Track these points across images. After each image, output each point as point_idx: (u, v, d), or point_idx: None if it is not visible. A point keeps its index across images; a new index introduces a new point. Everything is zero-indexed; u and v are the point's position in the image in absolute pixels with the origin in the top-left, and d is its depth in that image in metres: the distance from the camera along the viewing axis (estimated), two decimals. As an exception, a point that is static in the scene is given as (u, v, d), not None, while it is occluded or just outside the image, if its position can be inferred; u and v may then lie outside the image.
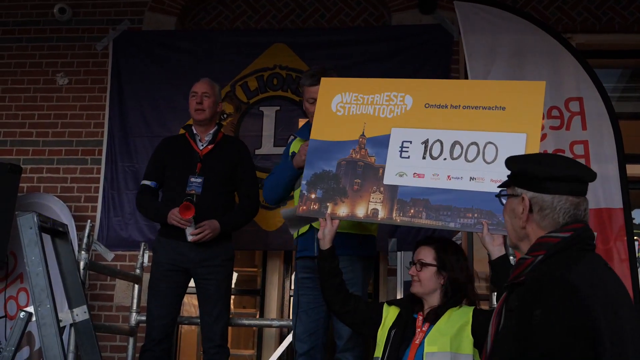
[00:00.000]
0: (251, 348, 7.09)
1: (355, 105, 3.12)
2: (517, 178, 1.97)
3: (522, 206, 1.93)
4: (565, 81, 4.26)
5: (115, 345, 4.80)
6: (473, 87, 3.20)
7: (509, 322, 1.82)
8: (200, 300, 3.94)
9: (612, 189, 4.06)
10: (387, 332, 2.81)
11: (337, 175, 3.02)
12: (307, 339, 3.47)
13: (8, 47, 5.45)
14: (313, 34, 5.29)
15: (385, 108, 3.07)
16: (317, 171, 3.06)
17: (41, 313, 2.72)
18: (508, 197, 2.00)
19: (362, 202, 2.95)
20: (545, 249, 1.86)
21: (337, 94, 3.17)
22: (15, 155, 5.21)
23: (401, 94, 3.07)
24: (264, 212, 4.75)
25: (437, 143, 2.94)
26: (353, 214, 2.95)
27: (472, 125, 2.91)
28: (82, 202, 5.12)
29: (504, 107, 2.89)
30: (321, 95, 3.22)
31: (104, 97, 5.26)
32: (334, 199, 2.99)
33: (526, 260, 1.88)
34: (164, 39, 5.31)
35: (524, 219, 1.93)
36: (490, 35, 4.36)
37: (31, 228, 2.78)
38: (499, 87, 3.07)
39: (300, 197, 3.08)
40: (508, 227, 2.01)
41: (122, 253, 5.00)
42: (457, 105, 2.97)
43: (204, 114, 3.99)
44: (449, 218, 2.81)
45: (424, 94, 3.04)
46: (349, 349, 3.40)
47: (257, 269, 6.02)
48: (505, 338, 1.82)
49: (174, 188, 3.92)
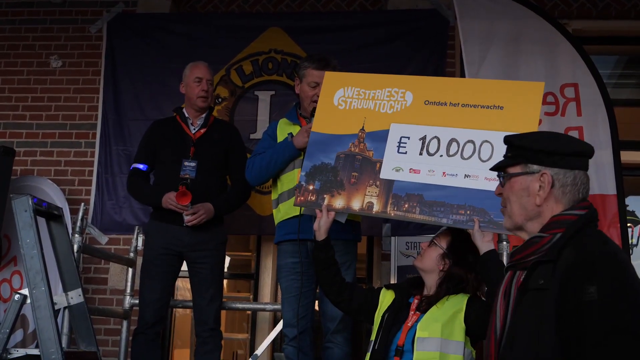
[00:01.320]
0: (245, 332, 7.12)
1: (356, 99, 3.16)
2: (533, 155, 1.93)
3: (539, 183, 1.90)
4: (561, 67, 4.25)
5: (109, 328, 4.81)
6: (472, 86, 3.24)
7: (533, 300, 1.80)
8: (193, 284, 3.95)
9: (607, 175, 4.07)
10: (381, 316, 2.83)
11: (335, 168, 3.05)
12: (296, 323, 3.49)
13: (1, 29, 5.41)
14: (309, 18, 5.26)
15: (385, 103, 3.10)
16: (316, 163, 3.10)
17: (36, 296, 2.72)
18: (515, 176, 1.95)
19: (358, 195, 2.98)
20: (564, 226, 1.85)
21: (340, 88, 3.20)
22: (8, 138, 5.19)
23: (402, 90, 3.10)
24: (258, 196, 4.75)
25: (434, 140, 2.97)
26: (349, 206, 2.99)
27: (470, 124, 2.94)
28: (75, 186, 5.11)
29: (502, 107, 2.92)
30: (324, 89, 3.25)
31: (97, 80, 5.23)
32: (331, 191, 3.02)
33: (543, 239, 1.86)
34: (159, 22, 5.27)
35: (543, 196, 1.90)
36: (486, 20, 4.34)
37: (26, 211, 2.78)
38: (498, 87, 3.11)
39: (298, 188, 3.11)
40: (514, 208, 1.96)
41: (116, 236, 4.99)
42: (456, 103, 3.00)
43: (208, 102, 4.00)
44: (441, 214, 2.83)
45: (425, 91, 3.07)
46: (339, 331, 3.46)
47: (251, 253, 6.03)
48: (530, 316, 1.79)
49: (166, 172, 3.91)
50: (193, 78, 4.00)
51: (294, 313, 3.49)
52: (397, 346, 2.69)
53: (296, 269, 3.51)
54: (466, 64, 4.30)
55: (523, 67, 4.28)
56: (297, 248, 3.46)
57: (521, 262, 1.90)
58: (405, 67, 4.93)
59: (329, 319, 3.46)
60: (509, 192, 1.97)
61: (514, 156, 1.98)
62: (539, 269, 1.83)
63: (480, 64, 4.28)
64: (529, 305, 1.81)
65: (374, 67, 4.94)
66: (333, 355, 3.46)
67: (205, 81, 4.00)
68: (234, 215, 4.36)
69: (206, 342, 3.88)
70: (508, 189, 1.98)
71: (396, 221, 4.69)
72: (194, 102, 4.01)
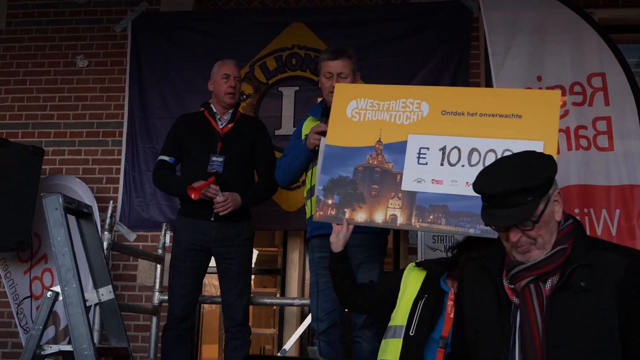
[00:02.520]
0: (272, 327, 7.16)
1: (370, 111, 3.14)
2: (543, 187, 2.03)
3: (559, 204, 2.07)
4: (588, 57, 4.19)
5: (139, 324, 4.85)
6: (489, 95, 3.22)
7: (575, 301, 1.95)
8: (222, 279, 3.98)
9: (636, 165, 4.00)
10: (414, 301, 2.80)
11: (354, 181, 3.04)
12: (325, 317, 3.52)
13: (28, 30, 5.48)
14: (331, 13, 5.25)
15: (401, 114, 3.09)
16: (333, 177, 3.07)
17: (68, 292, 2.76)
18: (543, 213, 2.03)
19: (380, 208, 2.98)
20: (573, 235, 2.05)
21: (352, 99, 3.17)
22: (37, 138, 5.26)
23: (417, 100, 3.09)
24: (284, 192, 4.76)
25: (454, 150, 2.96)
26: (371, 220, 2.98)
27: (489, 133, 2.94)
28: (103, 184, 5.16)
29: (520, 115, 2.92)
30: (336, 100, 3.23)
31: (123, 78, 5.27)
32: (351, 204, 3.01)
33: (566, 249, 2.03)
34: (182, 20, 5.30)
35: (560, 210, 2.07)
36: (510, 10, 4.30)
37: (56, 209, 2.82)
38: (515, 95, 3.11)
39: (317, 203, 3.09)
40: (545, 238, 2.05)
41: (144, 233, 5.03)
42: (474, 113, 2.99)
43: (235, 98, 4.03)
44: (468, 224, 2.82)
45: (440, 101, 3.06)
46: (367, 326, 3.45)
47: (277, 248, 6.05)
48: (578, 316, 1.94)
49: (194, 166, 3.94)
50: (221, 75, 4.03)
51: (322, 307, 3.52)
52: (441, 336, 2.68)
53: (324, 263, 3.52)
54: (491, 55, 4.26)
55: (549, 56, 4.23)
56: (326, 243, 3.47)
57: (547, 274, 2.03)
58: (429, 60, 4.91)
59: (356, 315, 3.47)
60: (539, 230, 2.04)
61: (535, 198, 2.02)
62: (576, 273, 1.98)
63: (505, 55, 4.24)
64: (574, 306, 1.96)
65: (397, 60, 4.95)
66: (361, 350, 3.46)
67: (233, 78, 4.02)
68: (261, 211, 4.38)
69: (235, 337, 3.90)
70: (538, 228, 2.03)
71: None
72: (221, 99, 4.04)
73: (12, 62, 5.45)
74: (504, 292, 2.11)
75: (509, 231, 2.04)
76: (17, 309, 4.80)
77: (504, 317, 2.07)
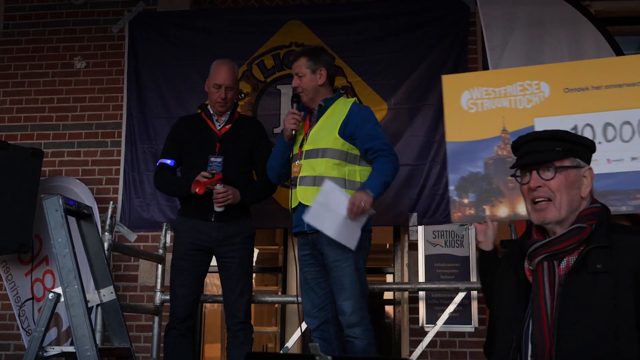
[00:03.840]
0: (273, 325, 7.17)
1: (487, 100, 3.01)
2: (581, 150, 2.04)
3: (589, 176, 2.05)
4: (586, 50, 4.20)
5: (141, 324, 4.86)
6: (610, 65, 3.07)
7: (591, 282, 1.93)
8: (223, 279, 3.98)
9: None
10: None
11: (487, 176, 2.92)
12: (317, 314, 3.57)
13: (25, 32, 5.48)
14: (328, 10, 5.25)
15: (522, 99, 2.96)
16: (463, 174, 2.96)
17: (69, 294, 2.77)
18: (567, 169, 2.04)
19: (522, 200, 2.90)
20: (597, 217, 2.02)
21: (465, 90, 3.06)
22: (36, 140, 5.26)
23: (535, 81, 2.96)
24: (285, 190, 4.75)
25: (587, 127, 2.84)
26: (515, 213, 2.84)
27: (619, 104, 2.81)
28: (103, 185, 5.17)
29: None
30: (446, 94, 3.12)
31: (121, 79, 5.27)
32: (489, 200, 2.88)
33: (585, 229, 2.00)
34: (179, 19, 5.29)
35: (587, 189, 2.05)
36: (507, 4, 4.31)
37: (57, 210, 2.82)
38: (636, 62, 2.98)
39: (452, 204, 2.99)
40: (564, 200, 2.04)
41: (145, 234, 5.04)
42: (598, 86, 2.87)
43: (226, 107, 4.02)
44: (618, 202, 2.73)
45: (561, 79, 2.93)
46: (354, 324, 3.44)
47: (278, 246, 6.06)
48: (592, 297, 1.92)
49: (193, 168, 3.94)
50: (212, 84, 4.01)
51: (312, 304, 3.59)
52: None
53: (308, 260, 3.57)
54: (488, 49, 4.27)
55: (547, 50, 4.24)
56: (305, 241, 3.53)
57: (563, 250, 2.01)
58: (427, 56, 4.91)
59: (340, 313, 3.49)
60: (560, 184, 2.04)
61: (565, 150, 2.04)
62: (593, 254, 1.95)
63: (502, 49, 4.25)
64: (589, 288, 1.93)
65: (395, 56, 4.95)
66: (354, 348, 3.45)
67: (224, 89, 3.97)
68: (261, 209, 4.38)
69: (237, 336, 3.91)
70: (560, 181, 2.04)
71: (422, 211, 4.68)
72: (213, 106, 4.05)
73: (9, 65, 5.45)
74: (524, 273, 2.12)
75: (531, 176, 2.07)
76: (19, 311, 4.80)
77: (522, 297, 2.08)
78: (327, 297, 3.57)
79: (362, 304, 3.46)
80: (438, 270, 4.65)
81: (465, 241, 4.66)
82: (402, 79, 4.90)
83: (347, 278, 3.42)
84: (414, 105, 4.84)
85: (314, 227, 3.39)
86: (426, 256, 4.68)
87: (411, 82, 4.89)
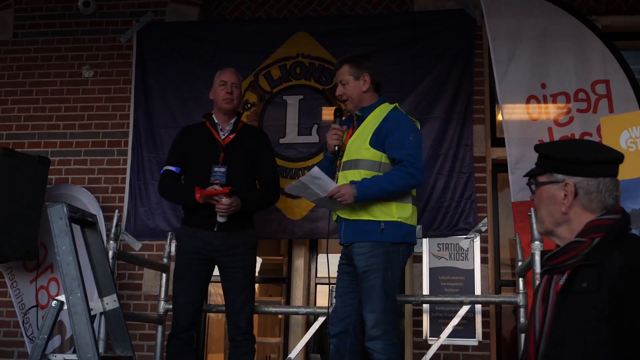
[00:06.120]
0: (276, 336, 7.14)
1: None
2: (557, 164, 2.00)
3: (564, 192, 1.98)
4: (592, 64, 4.21)
5: (145, 333, 4.86)
6: None
7: (578, 303, 1.85)
8: (226, 289, 3.98)
9: None
10: None
11: None
12: (338, 323, 3.56)
13: (34, 41, 5.53)
14: (335, 22, 5.27)
15: None
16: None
17: (72, 302, 2.77)
18: (542, 185, 2.03)
19: None
20: (603, 230, 1.92)
21: (623, 130, 3.13)
22: (43, 148, 5.29)
23: None
24: (288, 201, 4.77)
25: None
26: None
27: None
28: (109, 193, 5.19)
29: None
30: (605, 135, 3.19)
31: (129, 88, 5.31)
32: None
33: (583, 243, 1.92)
34: (187, 30, 5.33)
35: (567, 204, 1.98)
36: (514, 18, 4.32)
37: (61, 218, 2.83)
38: None
39: None
40: (542, 214, 2.04)
41: (150, 242, 5.05)
42: None
43: (233, 104, 4.04)
44: None
45: None
46: (376, 337, 3.39)
47: (282, 257, 6.05)
48: (576, 319, 1.84)
49: (197, 177, 3.95)
50: (218, 82, 4.07)
51: (336, 312, 3.60)
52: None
53: (344, 269, 3.62)
54: (494, 62, 4.28)
55: (553, 64, 4.25)
56: (346, 252, 3.59)
57: (560, 266, 1.96)
58: (433, 68, 4.92)
59: (366, 325, 3.45)
60: (537, 200, 2.06)
61: (542, 165, 2.04)
62: (582, 273, 1.88)
63: (509, 62, 4.26)
64: (574, 308, 1.86)
65: (401, 68, 4.96)
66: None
67: (230, 84, 4.04)
68: (265, 220, 4.39)
69: (240, 346, 3.90)
70: (537, 196, 2.05)
71: (426, 223, 4.67)
72: (220, 106, 4.06)
73: (18, 73, 5.50)
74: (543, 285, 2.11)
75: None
76: (23, 319, 4.82)
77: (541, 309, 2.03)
78: (352, 310, 3.54)
79: (386, 317, 3.38)
80: (442, 283, 4.64)
81: (470, 254, 4.64)
82: (408, 91, 4.91)
83: (373, 290, 3.39)
84: (419, 117, 4.84)
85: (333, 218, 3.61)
86: (430, 269, 4.67)
87: (417, 95, 4.90)
